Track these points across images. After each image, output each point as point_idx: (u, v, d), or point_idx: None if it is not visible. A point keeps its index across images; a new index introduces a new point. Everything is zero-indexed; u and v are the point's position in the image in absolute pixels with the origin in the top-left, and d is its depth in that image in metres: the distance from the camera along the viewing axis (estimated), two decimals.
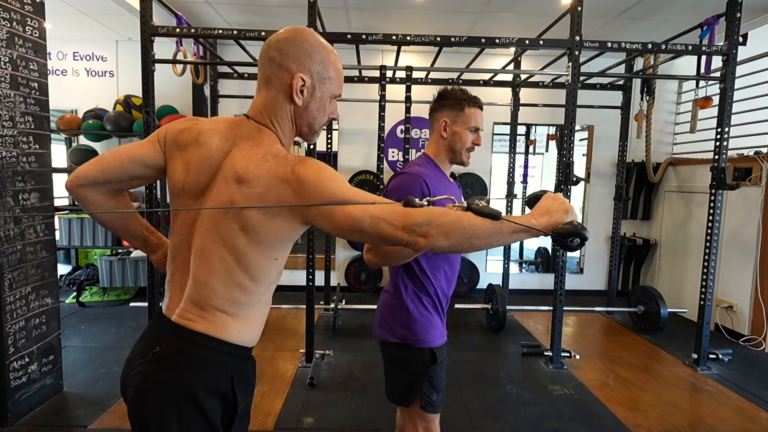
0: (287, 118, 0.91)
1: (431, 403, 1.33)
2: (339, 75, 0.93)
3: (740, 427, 2.30)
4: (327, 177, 0.81)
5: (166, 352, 0.86)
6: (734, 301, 3.61)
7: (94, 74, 4.41)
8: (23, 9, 2.15)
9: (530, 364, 3.03)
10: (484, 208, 0.79)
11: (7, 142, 2.09)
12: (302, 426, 2.21)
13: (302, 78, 0.87)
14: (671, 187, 4.44)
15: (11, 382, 2.12)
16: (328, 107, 0.94)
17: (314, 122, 0.93)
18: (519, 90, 4.16)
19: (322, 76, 0.90)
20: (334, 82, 0.92)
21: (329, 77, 0.91)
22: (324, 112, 0.93)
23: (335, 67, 0.92)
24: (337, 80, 0.93)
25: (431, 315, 1.36)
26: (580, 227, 0.78)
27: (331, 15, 3.66)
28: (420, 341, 1.33)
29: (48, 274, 2.34)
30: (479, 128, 1.40)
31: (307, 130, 0.94)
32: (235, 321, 0.88)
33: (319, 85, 0.90)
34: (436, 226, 0.77)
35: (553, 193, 0.86)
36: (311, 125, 0.93)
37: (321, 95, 0.91)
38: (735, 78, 2.83)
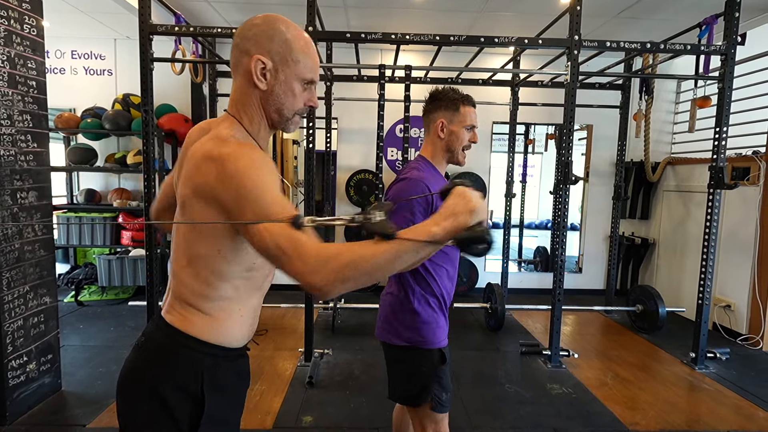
0: (254, 104, 0.87)
1: (441, 402, 1.34)
2: (308, 59, 0.87)
3: (738, 426, 2.31)
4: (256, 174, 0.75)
5: (145, 341, 0.90)
6: (732, 300, 3.62)
7: (93, 73, 4.40)
8: (21, 7, 2.14)
9: (529, 363, 3.03)
10: (377, 225, 0.69)
11: (5, 140, 2.09)
12: (301, 425, 2.22)
13: (261, 60, 0.83)
14: (670, 186, 4.44)
15: (9, 381, 2.12)
16: (298, 92, 0.87)
17: (282, 108, 0.87)
18: (518, 89, 4.16)
19: (285, 58, 0.84)
20: (300, 65, 0.86)
21: (294, 59, 0.85)
22: (293, 97, 0.87)
23: (303, 50, 0.86)
24: (304, 64, 0.86)
25: (437, 315, 1.37)
26: (484, 232, 0.70)
27: (330, 14, 3.65)
28: (428, 342, 1.33)
29: (46, 272, 2.34)
30: (474, 126, 1.42)
31: (277, 116, 0.88)
32: (204, 317, 0.86)
33: (282, 67, 0.85)
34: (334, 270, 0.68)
35: (463, 187, 0.78)
36: (279, 111, 0.88)
37: (286, 78, 0.85)
38: (733, 78, 2.84)
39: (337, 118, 4.46)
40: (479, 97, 4.30)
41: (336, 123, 4.46)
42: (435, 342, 1.34)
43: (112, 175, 4.45)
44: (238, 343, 0.92)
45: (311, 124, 2.72)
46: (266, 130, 0.91)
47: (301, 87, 0.88)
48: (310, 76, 0.88)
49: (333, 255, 0.69)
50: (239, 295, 0.89)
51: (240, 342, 0.92)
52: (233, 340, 0.90)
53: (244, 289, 0.89)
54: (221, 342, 0.88)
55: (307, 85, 0.89)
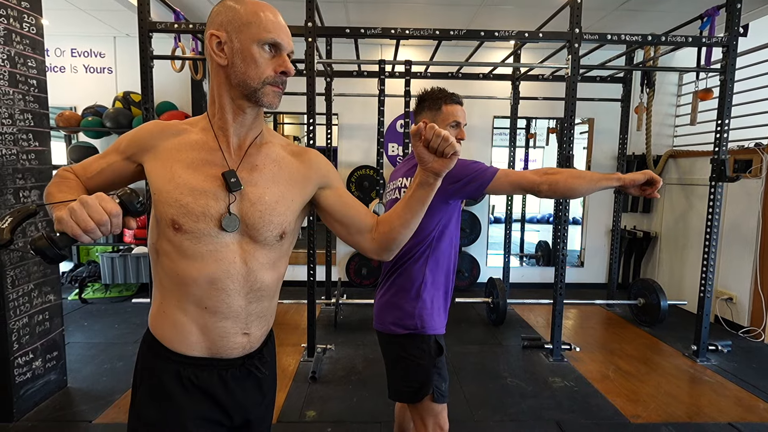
0: (221, 84, 0.85)
1: (441, 393, 1.37)
2: (259, 18, 0.81)
3: (739, 417, 2.32)
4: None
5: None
6: (734, 292, 3.62)
7: (93, 71, 4.40)
8: (20, 5, 2.14)
9: (531, 356, 3.05)
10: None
11: (7, 139, 2.10)
12: (305, 419, 2.24)
13: (214, 35, 0.82)
14: (672, 179, 4.43)
15: (16, 378, 2.14)
16: (261, 58, 0.82)
17: (245, 77, 0.82)
18: (519, 83, 4.15)
19: (236, 26, 0.81)
20: (253, 26, 0.80)
21: (244, 23, 0.81)
22: (255, 64, 0.81)
23: (253, 12, 0.81)
24: (256, 23, 0.81)
25: (441, 304, 1.43)
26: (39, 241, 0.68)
27: (329, 9, 3.64)
28: (429, 328, 1.37)
29: (50, 270, 2.35)
30: (460, 123, 1.42)
31: (243, 89, 0.83)
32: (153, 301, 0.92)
33: (235, 35, 0.81)
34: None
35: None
36: (244, 82, 0.82)
37: (241, 45, 0.81)
38: (735, 69, 2.82)
39: (338, 114, 4.46)
40: (480, 91, 4.35)
41: (336, 119, 4.46)
42: (435, 328, 1.38)
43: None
44: (179, 349, 0.87)
45: (312, 120, 2.72)
46: (234, 109, 0.86)
47: (264, 52, 0.82)
48: (269, 37, 0.81)
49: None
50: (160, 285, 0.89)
51: (180, 348, 0.87)
52: (174, 343, 0.87)
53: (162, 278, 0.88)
54: (162, 340, 0.89)
55: (272, 49, 0.83)
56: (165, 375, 0.87)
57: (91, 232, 0.67)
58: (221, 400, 0.89)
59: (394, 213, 0.94)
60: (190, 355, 0.87)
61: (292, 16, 2.67)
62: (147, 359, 0.90)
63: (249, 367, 0.93)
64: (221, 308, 0.86)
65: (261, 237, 0.87)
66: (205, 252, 0.83)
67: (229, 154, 0.87)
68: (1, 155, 2.06)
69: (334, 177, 0.99)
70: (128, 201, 0.70)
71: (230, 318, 0.87)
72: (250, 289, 0.88)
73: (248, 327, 0.90)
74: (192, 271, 0.84)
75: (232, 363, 0.90)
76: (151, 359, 0.89)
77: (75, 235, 0.67)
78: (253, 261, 0.87)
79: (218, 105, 0.87)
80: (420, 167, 0.88)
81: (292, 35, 0.88)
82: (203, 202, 0.82)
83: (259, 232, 0.86)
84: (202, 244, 0.83)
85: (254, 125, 0.90)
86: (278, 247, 0.91)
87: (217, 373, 0.89)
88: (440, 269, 1.41)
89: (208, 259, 0.84)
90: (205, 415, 0.88)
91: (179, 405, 0.86)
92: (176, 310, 0.87)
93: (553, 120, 5.42)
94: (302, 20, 2.66)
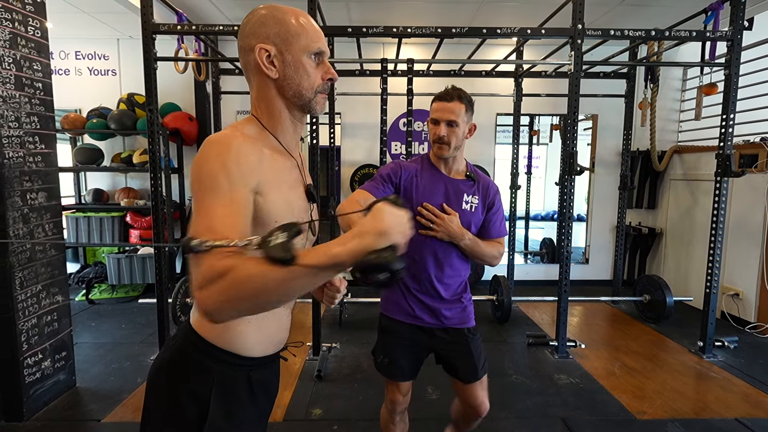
0: (273, 96, 0.85)
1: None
2: (305, 29, 0.82)
3: (746, 413, 2.31)
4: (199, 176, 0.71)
5: (172, 338, 0.93)
6: (740, 288, 3.60)
7: (97, 73, 4.43)
8: (24, 9, 2.16)
9: (536, 354, 3.04)
10: (273, 249, 0.59)
11: (14, 142, 2.12)
12: (311, 417, 2.25)
13: (263, 48, 0.81)
14: (676, 175, 4.41)
15: (25, 378, 2.17)
16: (311, 68, 0.83)
17: (301, 89, 0.83)
18: (521, 80, 4.13)
19: (285, 38, 0.81)
20: (301, 38, 0.81)
21: (293, 34, 0.81)
22: (307, 74, 0.83)
23: (296, 22, 0.82)
24: (304, 35, 0.82)
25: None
26: (387, 258, 0.59)
27: (331, 8, 3.64)
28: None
29: (58, 272, 2.38)
30: (439, 120, 1.46)
31: (298, 100, 0.85)
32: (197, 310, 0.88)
33: (285, 48, 0.81)
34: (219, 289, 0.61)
35: (384, 203, 0.67)
36: (299, 93, 0.84)
37: (293, 58, 0.82)
38: (740, 64, 2.80)
39: (341, 113, 4.46)
40: (482, 89, 4.34)
41: (339, 118, 4.46)
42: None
43: (119, 175, 4.49)
44: (255, 352, 0.88)
45: (314, 120, 2.72)
46: (291, 121, 0.88)
47: (312, 62, 0.84)
48: (316, 47, 0.83)
49: (223, 271, 0.61)
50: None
51: (256, 351, 0.88)
52: (246, 348, 0.87)
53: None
54: (233, 349, 0.85)
55: (318, 57, 0.84)
56: (237, 382, 0.87)
57: (407, 238, 0.66)
58: (271, 387, 0.97)
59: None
60: (261, 356, 0.90)
61: None
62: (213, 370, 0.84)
63: (280, 353, 1.01)
64: (292, 301, 0.97)
65: (314, 237, 0.98)
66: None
67: (300, 167, 0.93)
68: (8, 158, 2.08)
69: None
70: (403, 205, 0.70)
71: (289, 308, 0.99)
72: None
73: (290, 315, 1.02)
74: None
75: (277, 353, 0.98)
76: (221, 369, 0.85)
77: (400, 244, 0.63)
78: None
79: (279, 121, 0.87)
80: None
81: None
82: (305, 218, 0.90)
83: (315, 233, 0.97)
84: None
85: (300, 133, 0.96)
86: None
87: (271, 364, 0.96)
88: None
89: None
90: (265, 410, 0.96)
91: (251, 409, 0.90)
92: (267, 315, 0.90)
93: (557, 117, 5.40)
94: None
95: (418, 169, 1.52)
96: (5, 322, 2.09)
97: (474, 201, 1.50)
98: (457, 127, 1.45)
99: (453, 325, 1.52)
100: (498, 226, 1.55)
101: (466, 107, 1.46)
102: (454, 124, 1.45)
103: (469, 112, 1.48)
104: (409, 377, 1.57)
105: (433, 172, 1.52)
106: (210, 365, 0.83)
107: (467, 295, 1.58)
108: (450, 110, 1.44)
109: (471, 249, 1.47)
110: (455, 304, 1.54)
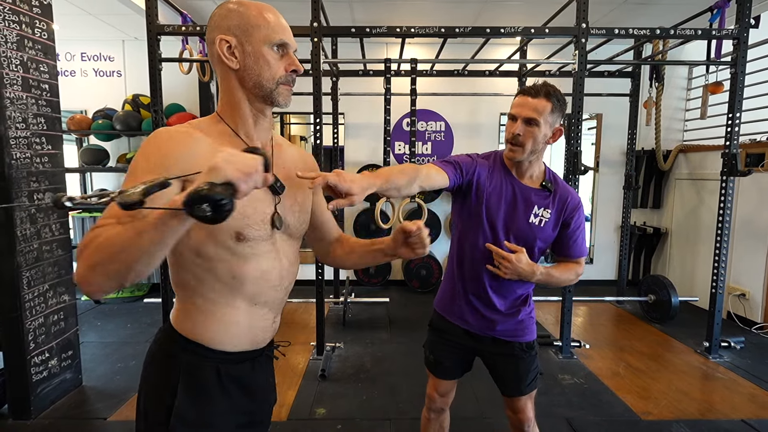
0: (234, 88, 0.86)
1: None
2: (266, 20, 0.83)
3: (752, 414, 2.29)
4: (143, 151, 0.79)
5: (157, 332, 0.96)
6: (747, 288, 3.57)
7: (102, 74, 4.46)
8: (32, 11, 2.18)
9: (540, 354, 2.99)
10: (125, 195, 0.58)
11: (21, 143, 2.14)
12: (314, 416, 2.26)
13: (223, 39, 0.82)
14: (682, 174, 4.38)
15: (33, 376, 2.19)
16: (272, 59, 0.84)
17: (261, 79, 0.84)
18: (525, 80, 4.12)
19: (246, 29, 0.82)
20: (262, 29, 0.82)
21: (253, 25, 0.82)
22: (268, 65, 0.83)
23: (257, 14, 0.83)
24: (265, 26, 0.82)
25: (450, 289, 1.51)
26: (215, 191, 0.58)
27: (334, 9, 3.65)
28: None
29: (64, 271, 2.40)
30: (516, 116, 1.30)
31: (259, 91, 0.85)
32: (182, 309, 0.89)
33: (246, 39, 0.82)
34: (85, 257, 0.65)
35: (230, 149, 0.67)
36: (258, 84, 0.84)
37: (253, 48, 0.82)
38: (746, 62, 2.78)
39: (344, 114, 4.47)
40: (486, 88, 4.34)
41: (343, 118, 4.47)
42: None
43: (124, 175, 4.51)
44: (225, 346, 0.89)
45: (318, 120, 2.73)
46: (252, 112, 0.88)
47: (275, 53, 0.84)
48: (278, 38, 0.83)
49: (88, 241, 0.65)
50: (204, 288, 0.86)
51: (226, 345, 0.89)
52: (215, 341, 0.88)
53: (209, 282, 0.86)
54: (200, 340, 0.87)
55: (281, 49, 0.84)
56: (204, 373, 0.88)
57: (251, 177, 0.64)
58: (251, 385, 0.95)
59: (351, 249, 1.10)
60: (233, 351, 0.91)
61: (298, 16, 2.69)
62: (180, 360, 0.87)
63: (268, 352, 1.01)
64: (268, 301, 0.93)
65: (296, 233, 0.97)
66: (260, 253, 0.89)
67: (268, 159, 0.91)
68: (16, 158, 2.10)
69: None
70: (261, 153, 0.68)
71: (272, 309, 0.95)
72: (284, 280, 0.95)
73: (277, 316, 0.99)
74: (250, 270, 0.88)
75: (261, 351, 0.97)
76: (188, 360, 0.87)
77: (237, 179, 0.62)
78: (286, 256, 0.95)
79: (238, 111, 0.87)
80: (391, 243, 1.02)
81: (298, 35, 0.90)
82: (261, 209, 0.87)
83: (295, 228, 0.95)
84: (260, 246, 0.88)
85: (270, 127, 0.93)
86: (299, 242, 1.01)
87: (250, 362, 0.94)
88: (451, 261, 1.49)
89: (261, 258, 0.89)
90: (243, 406, 0.94)
91: (221, 402, 0.89)
92: (227, 308, 0.88)
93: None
94: (308, 20, 2.68)
95: (490, 168, 1.37)
96: (13, 321, 2.12)
97: (546, 215, 1.33)
98: (537, 128, 1.26)
99: (503, 336, 1.41)
100: (578, 245, 1.39)
101: (553, 106, 1.27)
102: (534, 123, 1.26)
103: (556, 114, 1.29)
104: (450, 376, 1.50)
105: (504, 174, 1.36)
106: (179, 355, 0.87)
107: (527, 308, 1.44)
108: (532, 107, 1.26)
109: (545, 283, 1.35)
110: (510, 317, 1.41)
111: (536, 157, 1.33)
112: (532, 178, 1.36)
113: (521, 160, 1.31)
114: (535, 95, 1.27)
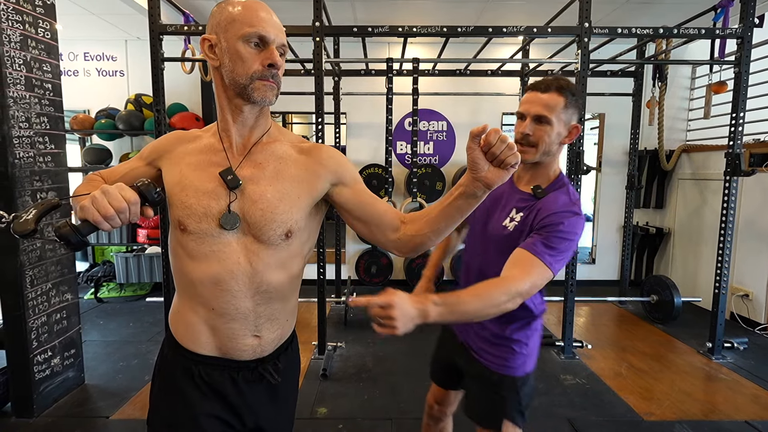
0: (218, 86, 0.87)
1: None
2: (241, 15, 0.81)
3: (756, 416, 2.28)
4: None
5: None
6: (750, 289, 3.55)
7: (105, 74, 4.47)
8: (35, 11, 2.19)
9: (542, 354, 3.02)
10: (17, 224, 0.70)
11: (24, 142, 2.15)
12: (316, 416, 2.26)
13: (206, 39, 0.85)
14: (685, 174, 4.36)
15: (35, 375, 2.20)
16: (247, 54, 0.81)
17: (234, 74, 0.82)
18: (528, 79, 4.11)
19: (223, 26, 0.82)
20: (236, 24, 0.81)
21: (228, 21, 0.82)
22: (241, 60, 0.81)
23: (233, 9, 0.82)
24: (239, 20, 0.80)
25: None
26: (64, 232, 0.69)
27: (336, 8, 3.65)
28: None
29: (67, 270, 2.41)
30: (525, 114, 1.15)
31: (234, 87, 0.83)
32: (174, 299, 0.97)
33: (223, 35, 0.82)
34: None
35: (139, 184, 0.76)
36: (234, 80, 0.82)
37: (228, 44, 0.82)
38: (750, 61, 2.77)
39: (346, 113, 4.47)
40: (488, 88, 4.33)
41: (344, 118, 4.47)
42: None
43: None
44: (198, 349, 0.89)
45: (320, 119, 2.73)
46: (230, 109, 0.87)
47: (250, 47, 0.81)
48: (251, 30, 0.80)
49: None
50: (177, 282, 0.93)
51: (199, 348, 0.89)
52: (186, 341, 0.90)
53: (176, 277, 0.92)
54: (177, 337, 0.93)
55: (258, 42, 0.81)
56: (178, 370, 0.90)
57: (110, 219, 0.69)
58: (232, 401, 0.90)
59: (425, 218, 0.88)
60: (202, 354, 0.89)
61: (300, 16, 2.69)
62: (163, 354, 0.94)
63: (262, 371, 0.92)
64: (228, 309, 0.86)
65: (265, 236, 0.85)
66: (209, 252, 0.84)
67: (232, 154, 0.88)
68: (19, 158, 2.11)
69: (348, 173, 0.93)
70: (146, 190, 0.74)
71: (238, 320, 0.87)
72: (257, 290, 0.87)
73: (258, 329, 0.89)
74: (197, 272, 0.85)
75: (245, 365, 0.90)
76: (167, 355, 0.93)
77: (96, 221, 0.69)
78: (258, 261, 0.85)
79: (219, 106, 0.89)
80: (470, 175, 0.78)
81: (300, 35, 0.92)
82: (205, 202, 0.83)
83: (262, 230, 0.84)
84: (206, 245, 0.84)
85: (258, 124, 0.89)
86: (285, 246, 0.87)
87: (228, 373, 0.90)
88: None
89: (211, 259, 0.84)
90: (216, 413, 0.89)
91: (190, 400, 0.88)
92: (188, 309, 0.89)
93: None
94: (310, 20, 2.67)
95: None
96: (16, 319, 2.12)
97: (517, 218, 1.14)
98: (549, 126, 1.11)
99: (486, 362, 1.22)
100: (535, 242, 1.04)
101: (567, 102, 1.12)
102: (545, 122, 1.11)
103: (571, 110, 1.13)
104: (439, 383, 1.44)
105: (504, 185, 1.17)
106: (163, 348, 0.96)
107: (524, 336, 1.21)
108: (543, 103, 1.11)
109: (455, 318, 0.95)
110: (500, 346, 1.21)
111: (550, 159, 1.17)
112: (532, 182, 1.19)
113: (532, 161, 1.15)
114: (545, 90, 1.12)
